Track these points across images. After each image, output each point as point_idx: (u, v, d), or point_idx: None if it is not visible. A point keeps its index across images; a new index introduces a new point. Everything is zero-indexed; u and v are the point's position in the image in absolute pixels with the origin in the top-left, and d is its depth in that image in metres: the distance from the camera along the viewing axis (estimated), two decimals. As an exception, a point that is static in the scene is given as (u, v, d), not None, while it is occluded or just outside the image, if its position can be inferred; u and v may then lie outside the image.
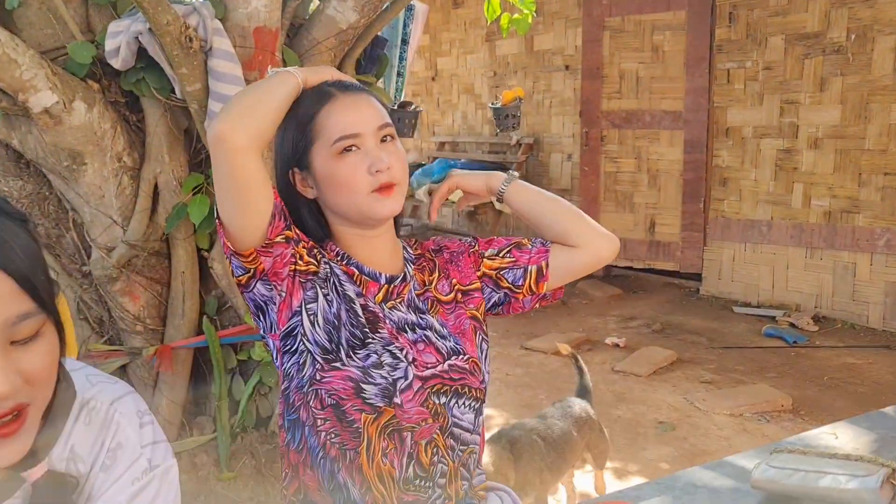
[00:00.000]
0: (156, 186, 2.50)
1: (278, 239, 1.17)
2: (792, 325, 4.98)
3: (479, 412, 1.31)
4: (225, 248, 1.18)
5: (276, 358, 1.26)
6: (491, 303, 1.37)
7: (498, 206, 1.48)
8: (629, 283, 6.27)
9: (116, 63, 2.23)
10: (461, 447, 1.28)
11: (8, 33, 2.07)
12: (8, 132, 2.33)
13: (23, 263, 0.72)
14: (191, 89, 2.26)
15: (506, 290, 1.35)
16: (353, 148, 1.21)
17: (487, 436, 2.15)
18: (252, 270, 1.19)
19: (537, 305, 1.39)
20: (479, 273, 1.36)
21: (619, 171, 6.08)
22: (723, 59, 5.48)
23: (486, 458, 2.17)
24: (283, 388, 1.28)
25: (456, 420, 1.26)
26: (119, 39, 2.20)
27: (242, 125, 1.11)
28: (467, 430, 1.28)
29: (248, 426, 2.77)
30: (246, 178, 1.12)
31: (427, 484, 1.24)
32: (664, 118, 5.81)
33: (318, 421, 1.22)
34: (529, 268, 1.34)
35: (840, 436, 1.29)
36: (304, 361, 1.21)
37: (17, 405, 0.72)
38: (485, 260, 1.37)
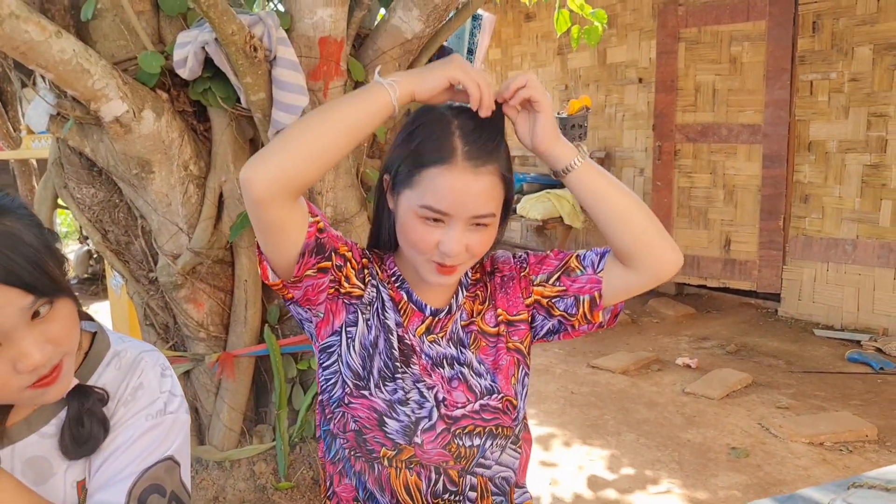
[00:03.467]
0: (221, 195, 2.53)
1: (308, 272, 1.13)
2: (878, 350, 4.70)
3: (506, 449, 1.26)
4: (263, 275, 1.15)
5: (318, 362, 1.24)
6: (545, 330, 1.29)
7: (563, 216, 1.20)
8: (702, 302, 6.06)
9: (184, 73, 2.27)
10: (489, 470, 1.26)
11: (81, 44, 2.12)
12: (81, 140, 2.39)
13: (25, 271, 0.83)
14: (255, 99, 2.28)
15: (559, 318, 1.27)
16: (439, 222, 1.11)
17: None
18: (283, 295, 1.18)
19: (595, 331, 1.30)
20: (528, 301, 1.27)
21: (694, 186, 5.90)
22: (805, 71, 5.25)
23: None
24: (319, 399, 1.26)
25: (483, 461, 1.23)
26: (187, 49, 2.23)
27: (265, 174, 1.02)
28: (490, 468, 1.25)
29: (306, 436, 2.76)
30: (267, 224, 1.07)
31: (457, 498, 1.22)
32: (742, 132, 5.61)
33: (344, 440, 1.22)
34: (581, 297, 1.23)
35: (929, 471, 1.17)
36: (336, 381, 1.20)
37: (52, 367, 0.88)
38: (534, 287, 1.27)
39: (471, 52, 3.15)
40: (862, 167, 5.04)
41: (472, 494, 1.23)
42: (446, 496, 1.21)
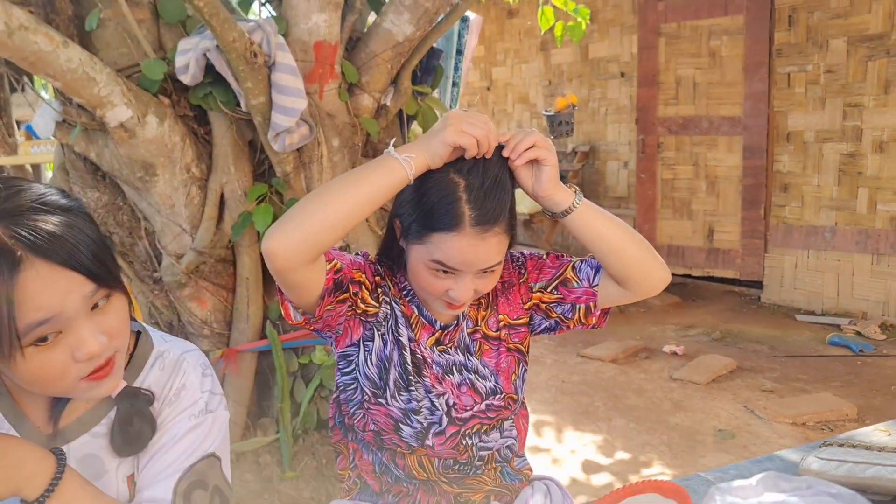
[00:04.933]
0: (222, 196, 2.61)
1: (328, 308, 1.21)
2: (858, 333, 4.85)
3: (504, 428, 1.39)
4: (286, 315, 1.23)
5: (336, 363, 1.35)
6: (542, 328, 1.40)
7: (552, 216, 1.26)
8: (687, 291, 6.19)
9: (186, 79, 2.35)
10: (491, 450, 1.39)
11: (87, 53, 2.20)
12: (86, 146, 2.47)
13: (88, 260, 0.89)
14: (255, 102, 2.36)
15: (556, 319, 1.38)
16: (448, 273, 1.20)
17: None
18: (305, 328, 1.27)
19: (588, 330, 1.40)
20: (527, 305, 1.38)
21: (677, 177, 6.02)
22: (782, 63, 5.39)
23: None
24: (335, 395, 1.37)
25: (483, 446, 1.36)
26: (188, 56, 2.32)
27: (288, 246, 1.08)
28: (491, 448, 1.38)
29: (309, 427, 2.86)
30: (293, 283, 1.14)
31: (465, 468, 1.36)
32: (722, 124, 5.74)
33: (363, 435, 1.34)
34: (578, 306, 1.35)
35: (892, 432, 1.29)
36: (356, 387, 1.31)
37: (107, 359, 0.94)
38: (533, 293, 1.37)
39: (459, 52, 3.25)
40: (839, 156, 5.18)
41: (479, 463, 1.36)
42: (456, 467, 1.33)
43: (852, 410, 3.63)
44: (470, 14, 3.25)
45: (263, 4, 2.76)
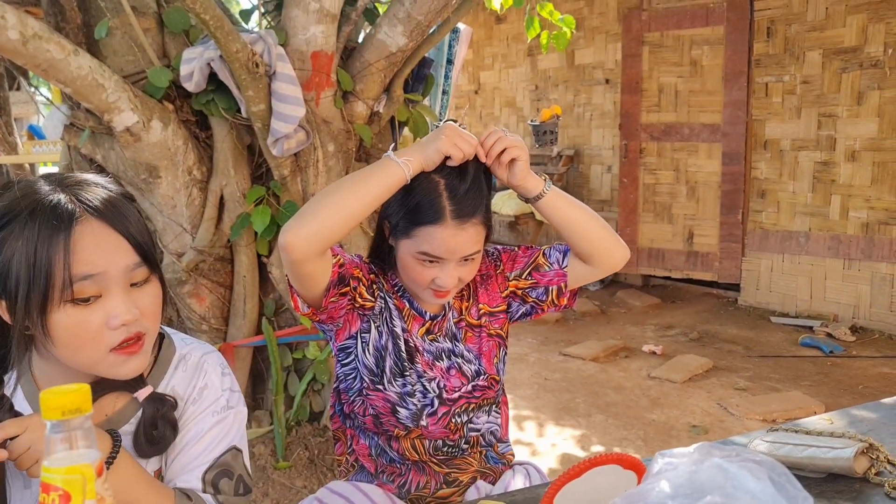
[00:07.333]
0: (221, 197, 2.73)
1: (332, 300, 1.35)
2: (829, 335, 5.04)
3: (491, 411, 1.54)
4: (295, 306, 1.38)
5: (336, 357, 1.49)
6: (519, 314, 1.56)
7: (535, 212, 1.42)
8: (667, 292, 6.36)
9: (190, 86, 2.47)
10: (479, 432, 1.54)
11: (96, 61, 2.32)
12: (93, 149, 2.59)
13: (136, 232, 1.00)
14: (255, 109, 2.49)
15: (532, 304, 1.53)
16: (434, 262, 1.34)
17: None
18: (310, 318, 1.41)
19: (560, 310, 1.57)
20: (504, 294, 1.53)
21: (658, 182, 6.20)
22: (761, 73, 5.57)
23: None
24: (335, 385, 1.52)
25: (472, 426, 1.51)
26: (193, 65, 2.44)
27: (305, 239, 1.22)
28: (479, 429, 1.53)
29: (302, 420, 2.98)
30: (305, 275, 1.29)
31: (454, 450, 1.51)
32: (702, 131, 5.91)
33: (363, 420, 1.48)
34: (550, 288, 1.51)
35: (835, 421, 1.43)
36: (355, 376, 1.46)
37: (137, 332, 1.02)
38: (510, 282, 1.53)
39: (450, 61, 3.38)
40: (813, 164, 5.37)
41: (466, 446, 1.50)
42: (445, 449, 1.48)
43: (820, 408, 3.79)
44: (460, 25, 3.39)
45: (264, 15, 2.88)
